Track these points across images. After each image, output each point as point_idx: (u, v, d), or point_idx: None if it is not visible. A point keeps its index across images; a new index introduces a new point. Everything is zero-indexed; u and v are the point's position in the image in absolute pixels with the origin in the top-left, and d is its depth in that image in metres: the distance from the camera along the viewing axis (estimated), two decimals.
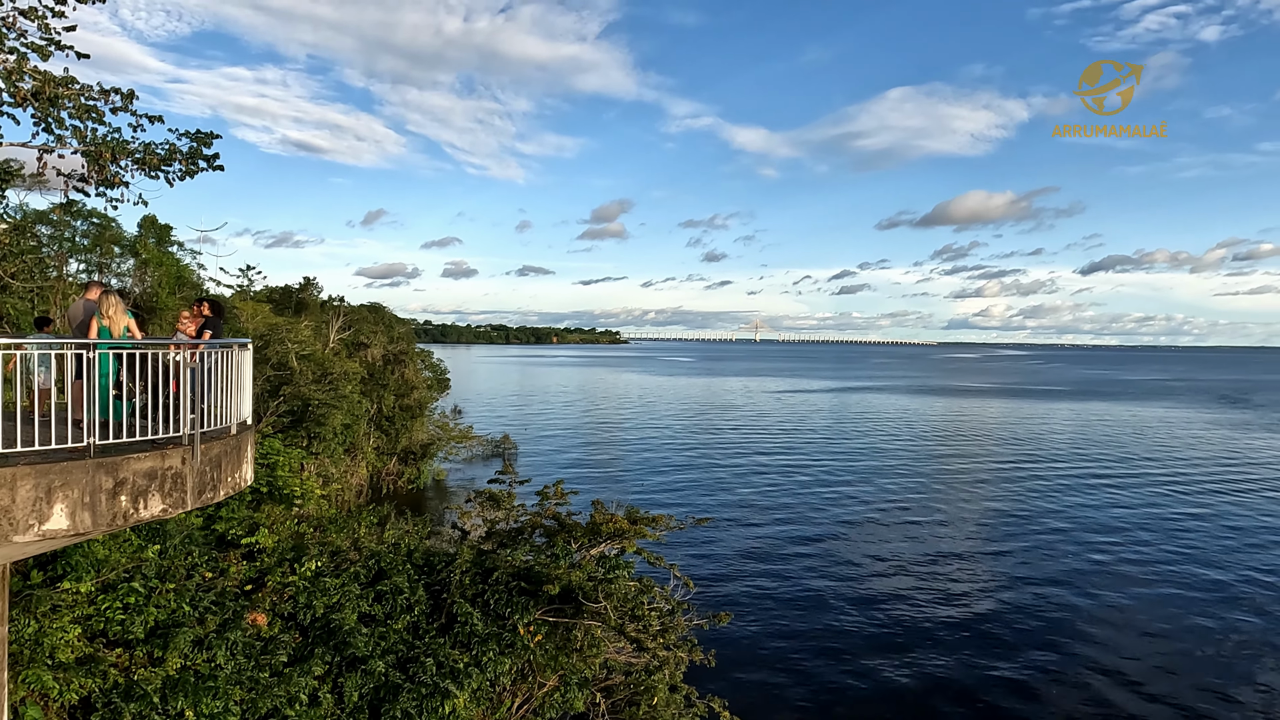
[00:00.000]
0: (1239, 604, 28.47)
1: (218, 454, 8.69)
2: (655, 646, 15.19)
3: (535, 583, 15.73)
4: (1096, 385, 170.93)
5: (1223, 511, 43.19)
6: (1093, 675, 22.52)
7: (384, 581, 15.70)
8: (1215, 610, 27.77)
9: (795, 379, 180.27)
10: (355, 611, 14.81)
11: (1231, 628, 26.20)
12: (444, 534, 22.13)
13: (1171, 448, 69.07)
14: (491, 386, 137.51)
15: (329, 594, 14.81)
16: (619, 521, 16.76)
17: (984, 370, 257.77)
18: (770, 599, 28.24)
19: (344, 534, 17.75)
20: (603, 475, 51.69)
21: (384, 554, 16.54)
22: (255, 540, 15.95)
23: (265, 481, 19.72)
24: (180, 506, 8.07)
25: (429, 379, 54.91)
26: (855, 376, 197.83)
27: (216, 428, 8.85)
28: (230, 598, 14.20)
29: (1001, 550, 35.13)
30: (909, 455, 62.58)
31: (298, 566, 15.26)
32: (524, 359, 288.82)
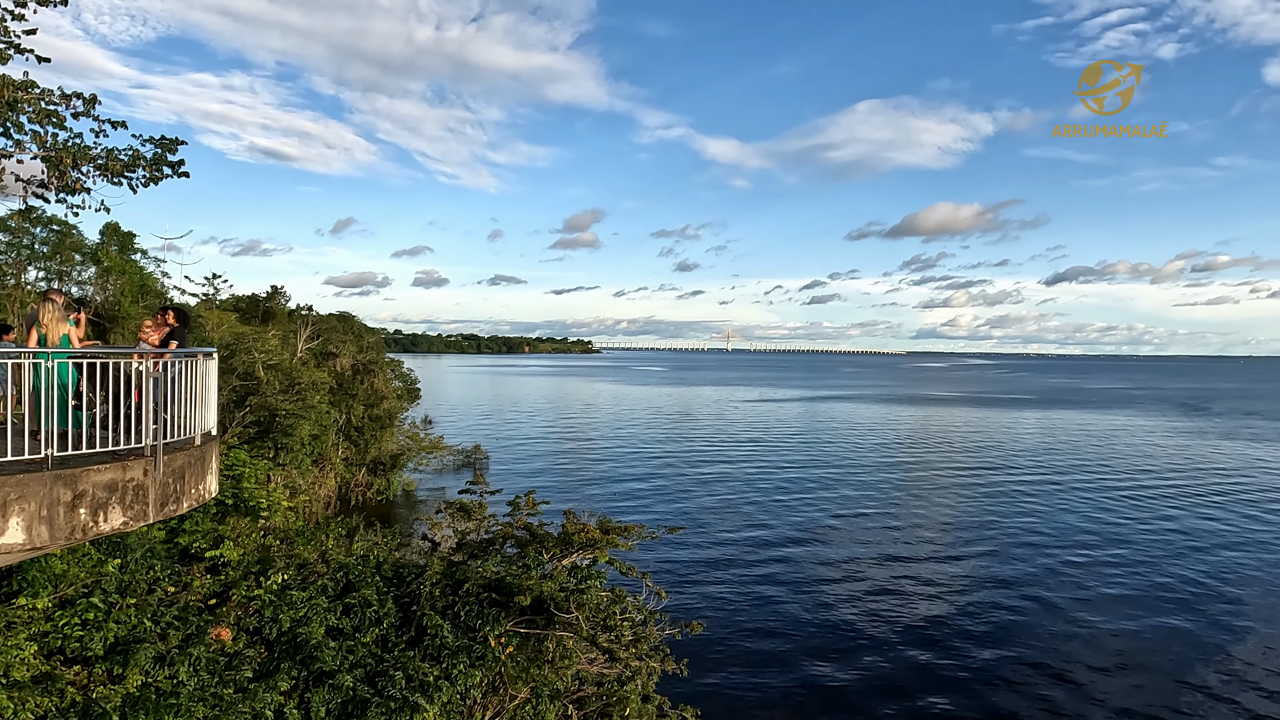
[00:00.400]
0: (1192, 606, 29.04)
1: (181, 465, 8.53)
2: (627, 656, 15.12)
3: (506, 594, 15.59)
4: (1061, 394, 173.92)
5: (1183, 517, 44.09)
6: (1052, 674, 22.82)
7: (352, 594, 15.47)
8: (1170, 612, 28.32)
9: (766, 388, 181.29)
10: (323, 625, 14.57)
11: (1184, 629, 26.71)
12: (414, 545, 21.87)
13: (1134, 455, 70.44)
14: (463, 396, 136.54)
15: (296, 607, 14.56)
16: (591, 531, 16.70)
17: (952, 379, 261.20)
18: (742, 607, 28.28)
19: (311, 546, 17.48)
20: (575, 485, 51.51)
21: (352, 566, 16.30)
22: (220, 553, 15.65)
23: (230, 493, 19.38)
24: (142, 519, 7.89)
25: (399, 389, 54.34)
26: (826, 386, 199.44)
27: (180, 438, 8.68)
28: (193, 612, 13.90)
29: (968, 555, 35.53)
30: (878, 464, 63.14)
31: (263, 580, 14.99)
32: (496, 369, 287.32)
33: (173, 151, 12.16)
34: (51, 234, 30.97)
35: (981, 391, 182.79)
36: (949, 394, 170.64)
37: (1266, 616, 28.26)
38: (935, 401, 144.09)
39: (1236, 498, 50.19)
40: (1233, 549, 37.29)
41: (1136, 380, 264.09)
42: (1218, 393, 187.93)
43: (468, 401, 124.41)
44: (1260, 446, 78.69)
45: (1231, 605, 29.36)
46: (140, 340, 10.97)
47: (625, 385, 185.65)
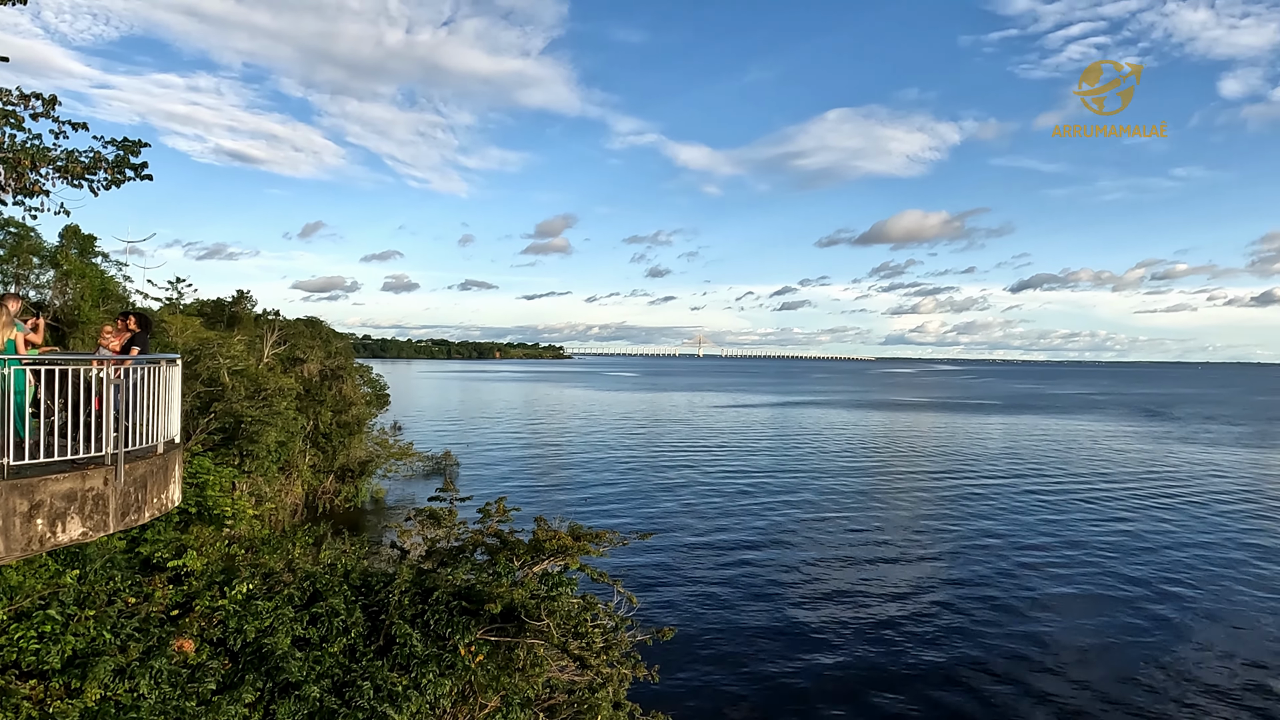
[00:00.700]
0: (1144, 606, 29.64)
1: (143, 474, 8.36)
2: (599, 664, 15.08)
3: (477, 602, 15.48)
4: (1026, 399, 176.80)
5: (1141, 519, 45.00)
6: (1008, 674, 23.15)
7: (319, 603, 15.25)
8: (1122, 612, 28.89)
9: (737, 394, 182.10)
10: (289, 635, 14.34)
11: (1135, 628, 27.25)
12: (383, 553, 21.64)
13: (1097, 459, 71.80)
14: (433, 402, 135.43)
15: (261, 617, 14.31)
16: (562, 538, 16.63)
17: (919, 385, 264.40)
18: (714, 612, 28.34)
19: (277, 555, 17.21)
20: (546, 491, 51.31)
21: (319, 575, 16.07)
22: (183, 563, 15.35)
23: (194, 502, 19.03)
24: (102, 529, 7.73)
25: (368, 395, 53.77)
26: (796, 391, 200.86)
27: (142, 446, 8.51)
28: (155, 624, 13.61)
29: (934, 558, 35.92)
30: (847, 468, 63.69)
31: (228, 590, 14.72)
32: (466, 374, 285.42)
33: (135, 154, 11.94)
34: (9, 236, 30.19)
35: (948, 397, 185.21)
36: (916, 399, 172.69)
37: (1212, 616, 28.91)
38: (903, 407, 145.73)
39: (1193, 500, 51.32)
40: (1184, 550, 38.10)
41: (1099, 386, 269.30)
42: (1177, 398, 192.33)
43: (438, 407, 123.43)
44: (1217, 450, 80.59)
45: (1181, 605, 29.99)
46: (100, 346, 10.74)
47: (597, 391, 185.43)
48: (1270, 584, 32.93)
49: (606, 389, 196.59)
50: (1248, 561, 36.37)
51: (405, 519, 20.33)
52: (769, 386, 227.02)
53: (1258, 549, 38.69)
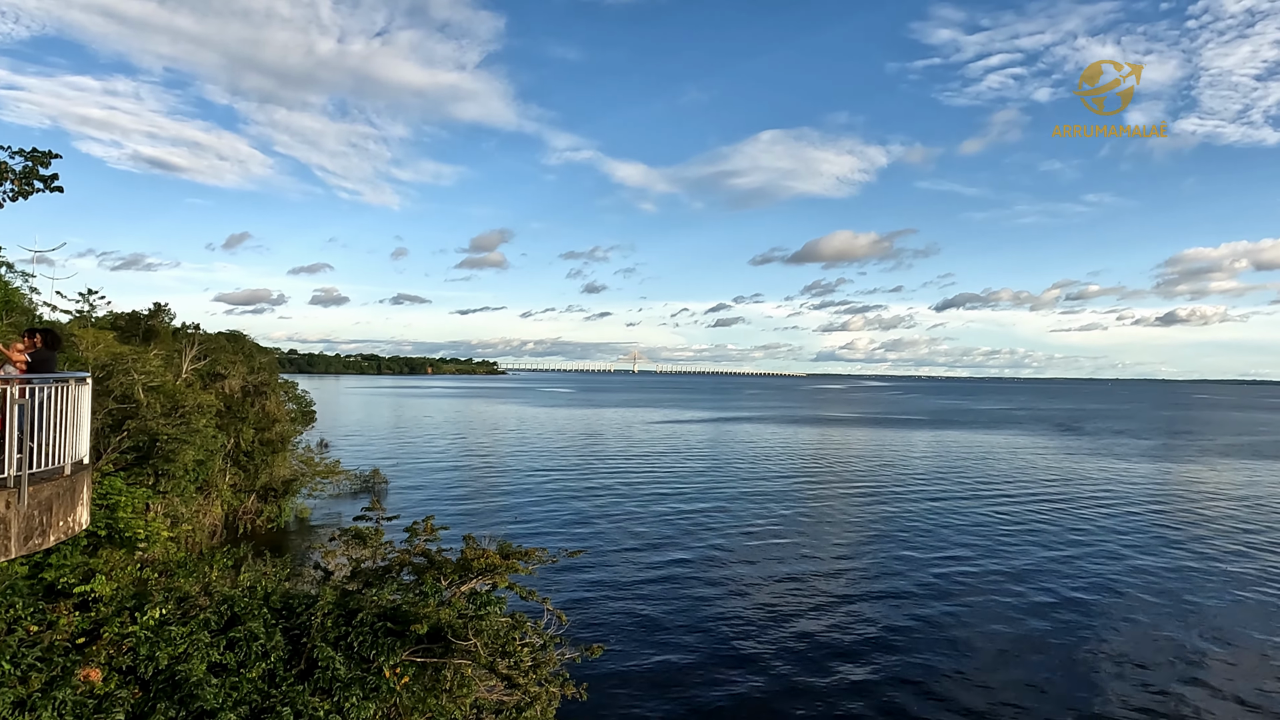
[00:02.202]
0: (1064, 610, 30.97)
1: (48, 496, 8.09)
2: (527, 683, 15.03)
3: (402, 622, 15.26)
4: (950, 415, 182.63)
5: (1060, 527, 46.97)
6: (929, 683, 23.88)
7: (237, 627, 14.81)
8: (1042, 616, 30.10)
9: (672, 409, 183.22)
10: (204, 661, 13.89)
11: (1055, 631, 28.44)
12: (306, 575, 21.10)
13: (1016, 472, 74.64)
14: (362, 419, 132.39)
15: (174, 643, 13.83)
16: (490, 556, 16.55)
17: (849, 400, 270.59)
18: (643, 628, 28.43)
19: (193, 578, 16.65)
20: (478, 510, 50.70)
21: (238, 598, 15.62)
22: (90, 588, 14.74)
23: (104, 524, 18.29)
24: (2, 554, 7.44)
25: (293, 411, 52.35)
26: (730, 407, 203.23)
27: (47, 468, 8.23)
28: (59, 652, 13.02)
29: (863, 570, 36.78)
30: (779, 484, 64.71)
31: (139, 615, 14.19)
32: (397, 390, 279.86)
33: (45, 165, 11.55)
34: None
35: (876, 413, 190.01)
36: (846, 415, 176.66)
37: (1118, 618, 30.36)
38: (833, 423, 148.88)
39: (1104, 510, 53.80)
40: (1095, 557, 39.91)
41: (1018, 401, 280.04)
42: (1089, 413, 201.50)
43: (367, 424, 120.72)
44: (1125, 463, 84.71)
45: (1092, 610, 31.40)
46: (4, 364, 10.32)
47: (531, 407, 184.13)
48: (1169, 587, 34.72)
49: (540, 405, 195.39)
50: (1152, 567, 38.26)
51: (330, 539, 19.93)
52: (703, 402, 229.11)
53: (1162, 554, 40.76)
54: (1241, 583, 36.04)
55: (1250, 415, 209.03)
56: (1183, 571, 37.86)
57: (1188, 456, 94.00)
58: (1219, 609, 32.15)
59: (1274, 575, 37.48)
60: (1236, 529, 48.52)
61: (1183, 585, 35.45)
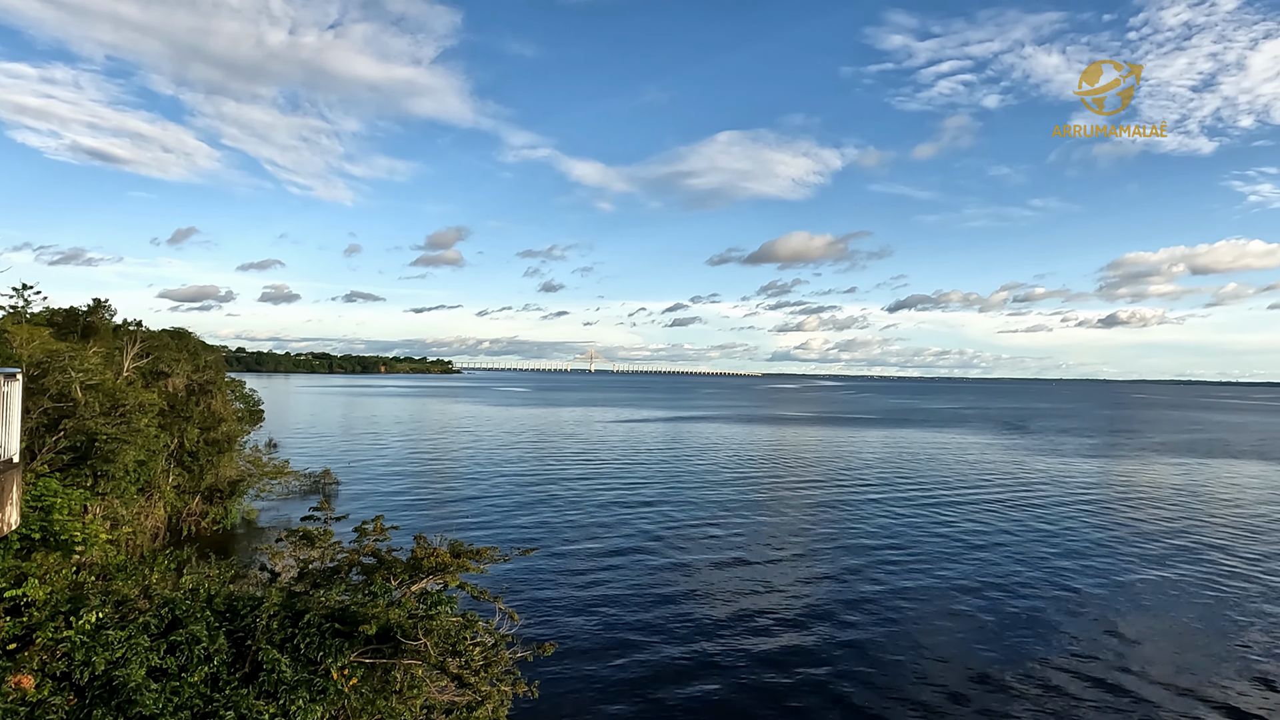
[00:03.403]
0: (1009, 601, 31.82)
1: None
2: (478, 682, 14.93)
3: (351, 623, 15.05)
4: (901, 414, 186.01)
5: (1005, 522, 48.20)
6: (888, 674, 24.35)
7: (178, 631, 14.44)
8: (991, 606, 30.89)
9: (628, 409, 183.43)
10: (143, 666, 13.52)
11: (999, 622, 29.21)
12: (252, 576, 20.64)
13: (965, 469, 76.37)
14: (312, 418, 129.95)
15: (112, 648, 13.44)
16: (441, 555, 16.41)
17: (803, 400, 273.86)
18: (596, 626, 28.44)
19: (133, 581, 16.18)
20: (430, 509, 50.16)
21: (180, 601, 15.22)
22: (22, 592, 14.23)
23: (38, 526, 17.69)
24: None
25: (240, 411, 51.19)
26: (686, 406, 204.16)
27: None
28: None
29: (817, 566, 37.28)
30: (734, 482, 65.23)
31: (74, 620, 13.75)
32: (349, 389, 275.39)
33: None
34: None
35: (830, 412, 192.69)
36: (801, 414, 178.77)
37: (1064, 609, 31.28)
38: (788, 421, 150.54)
39: (1050, 505, 55.36)
40: (1043, 550, 41.05)
41: (966, 401, 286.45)
42: (1034, 412, 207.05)
43: (317, 424, 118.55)
44: (1070, 460, 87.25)
45: (1038, 601, 32.30)
46: None
47: (486, 406, 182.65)
48: (1112, 577, 35.88)
49: (496, 404, 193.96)
50: (1096, 561, 39.47)
51: (277, 540, 19.55)
52: (659, 402, 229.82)
53: (1102, 546, 42.07)
54: (1172, 570, 37.38)
55: (1185, 414, 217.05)
56: (1119, 561, 39.12)
57: (1127, 454, 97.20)
58: (1151, 596, 33.30)
59: (1204, 565, 38.93)
60: (1171, 521, 50.29)
61: (1118, 573, 36.65)
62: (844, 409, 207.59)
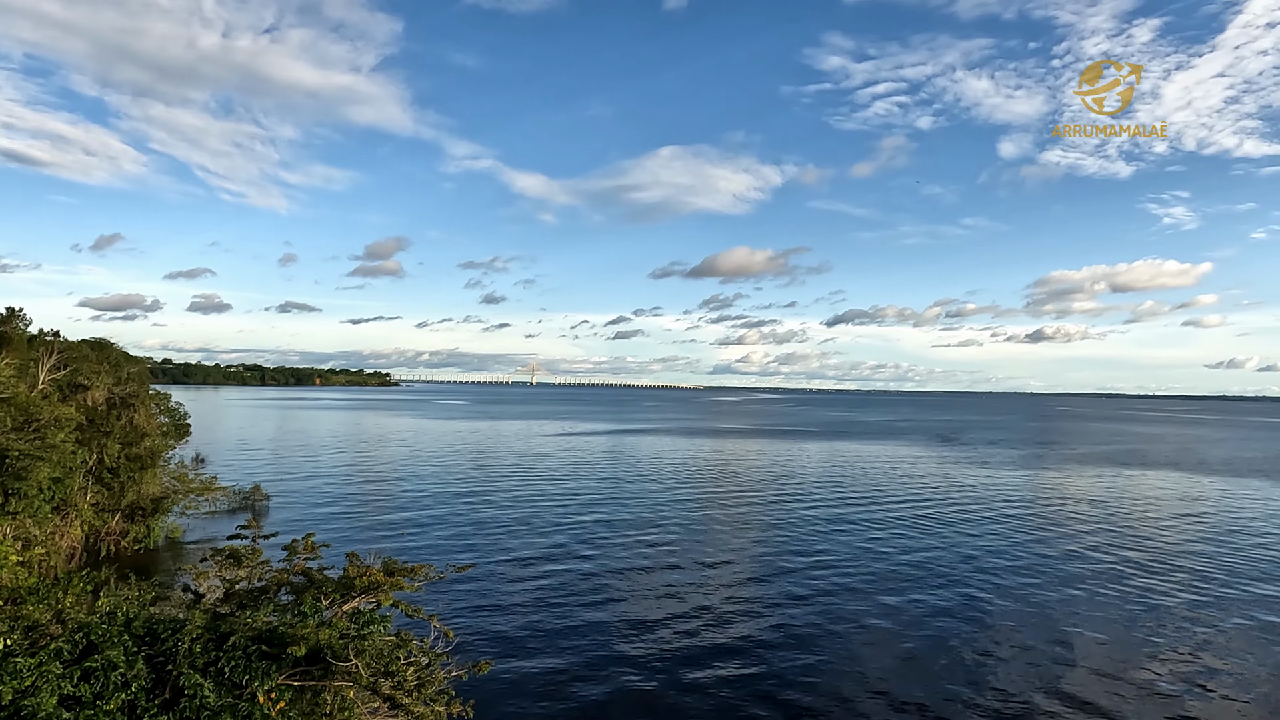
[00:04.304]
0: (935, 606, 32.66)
1: None
2: (411, 702, 14.65)
3: (279, 645, 14.62)
4: (839, 426, 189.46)
5: (935, 532, 49.46)
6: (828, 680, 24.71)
7: (93, 657, 13.83)
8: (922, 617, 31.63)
9: (570, 422, 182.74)
10: (54, 694, 12.90)
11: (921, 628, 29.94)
12: (174, 598, 19.91)
13: (900, 480, 78.13)
14: (242, 432, 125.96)
15: (20, 676, 12.79)
16: (374, 573, 16.09)
17: (744, 413, 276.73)
18: (534, 643, 28.17)
19: (44, 605, 15.46)
20: (366, 526, 49.07)
21: (95, 625, 14.58)
22: None
23: None
24: None
25: (165, 425, 49.34)
26: (628, 419, 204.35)
27: None
28: None
29: (757, 578, 37.64)
30: (675, 495, 65.47)
31: None
32: (282, 402, 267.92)
33: None
34: None
35: (770, 424, 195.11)
36: (741, 427, 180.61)
37: (998, 616, 32.23)
38: (729, 434, 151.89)
39: (980, 514, 57.04)
40: (973, 557, 42.26)
41: (902, 414, 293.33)
42: (967, 424, 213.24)
43: (248, 438, 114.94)
44: (999, 471, 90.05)
45: (970, 607, 33.23)
46: None
47: (425, 420, 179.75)
48: (1034, 583, 37.12)
49: (435, 418, 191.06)
50: (1019, 568, 40.77)
51: (202, 560, 18.89)
52: (601, 415, 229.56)
53: (1034, 555, 43.50)
54: (1088, 575, 38.87)
55: (1106, 426, 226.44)
56: (1044, 567, 40.50)
57: (1052, 465, 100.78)
58: (1069, 600, 34.55)
59: (1119, 569, 40.57)
60: (1090, 530, 52.31)
61: (1040, 579, 37.94)
62: (783, 422, 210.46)
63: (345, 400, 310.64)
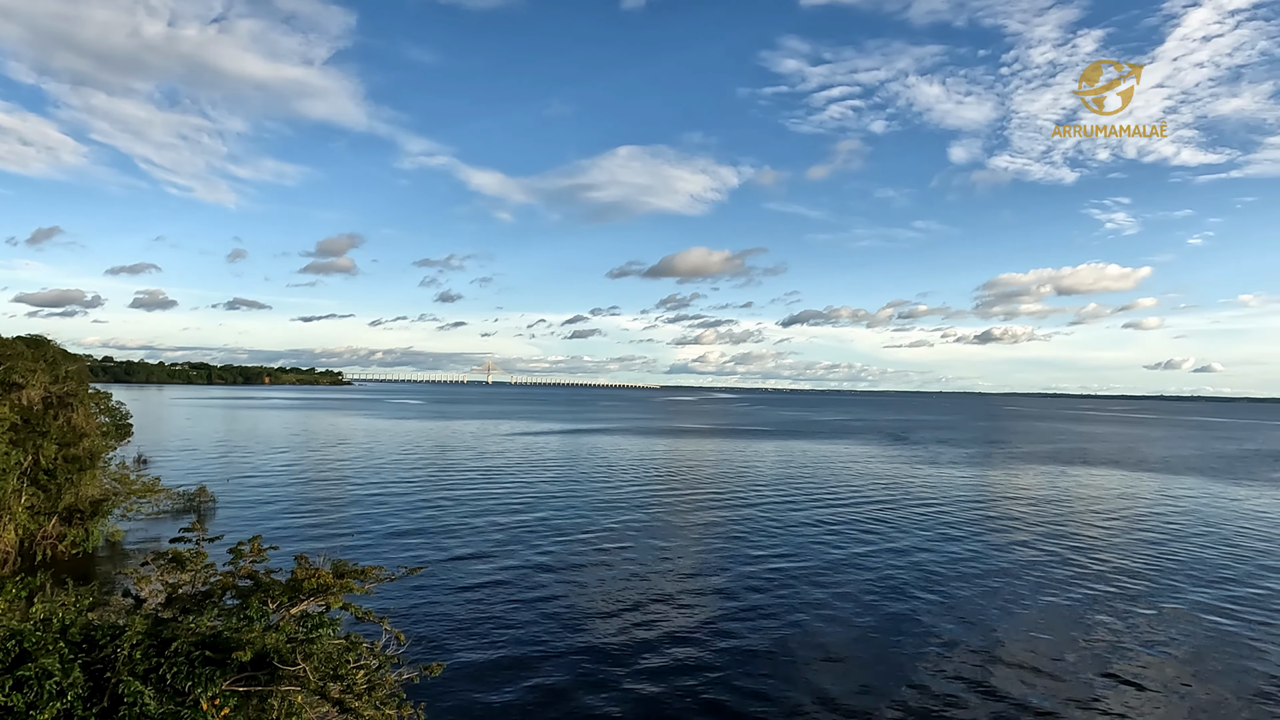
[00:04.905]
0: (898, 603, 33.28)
1: None
2: (360, 706, 14.45)
3: (224, 650, 14.31)
4: (794, 426, 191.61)
5: (887, 529, 50.37)
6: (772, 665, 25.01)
7: (27, 665, 13.37)
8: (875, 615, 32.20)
9: (526, 421, 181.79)
10: None
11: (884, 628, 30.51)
12: (114, 604, 19.35)
13: (853, 479, 79.33)
14: (188, 433, 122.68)
15: None
16: (323, 576, 15.83)
17: (700, 412, 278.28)
18: (487, 645, 27.98)
19: None
20: (317, 528, 48.18)
21: (28, 632, 14.10)
22: None
23: None
24: None
25: (105, 425, 47.83)
26: (585, 419, 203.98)
27: None
28: None
29: (711, 576, 37.89)
30: (631, 495, 65.54)
31: None
32: (230, 401, 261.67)
33: None
34: None
35: (726, 424, 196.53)
36: (698, 426, 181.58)
37: (947, 612, 32.93)
38: (685, 434, 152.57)
39: (930, 511, 58.23)
40: (923, 554, 43.14)
41: (855, 413, 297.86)
42: (917, 424, 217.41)
43: (194, 438, 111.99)
44: (946, 470, 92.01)
45: (920, 605, 33.90)
46: None
47: (377, 419, 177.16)
48: (980, 578, 38.03)
49: (388, 417, 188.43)
50: (971, 562, 41.72)
51: (143, 564, 18.40)
52: (558, 414, 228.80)
53: (979, 551, 44.54)
54: (1033, 571, 39.98)
55: (1051, 425, 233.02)
56: (989, 563, 41.52)
57: (998, 463, 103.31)
58: (1006, 596, 35.49)
59: (1054, 565, 41.79)
60: (1034, 526, 53.77)
61: (986, 574, 38.91)
62: (739, 421, 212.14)
63: (296, 399, 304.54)
